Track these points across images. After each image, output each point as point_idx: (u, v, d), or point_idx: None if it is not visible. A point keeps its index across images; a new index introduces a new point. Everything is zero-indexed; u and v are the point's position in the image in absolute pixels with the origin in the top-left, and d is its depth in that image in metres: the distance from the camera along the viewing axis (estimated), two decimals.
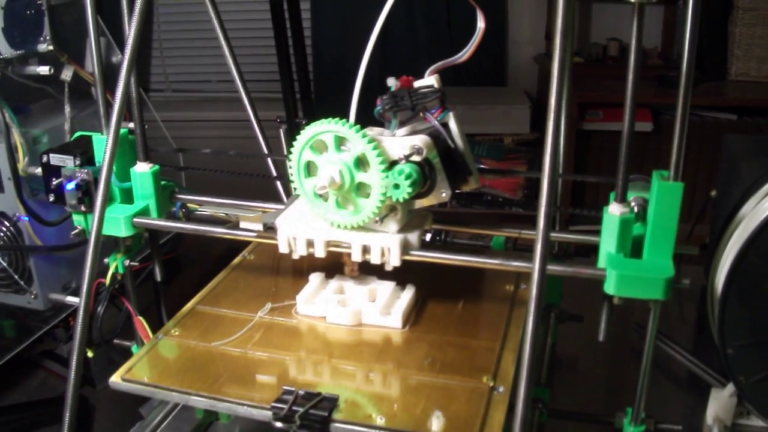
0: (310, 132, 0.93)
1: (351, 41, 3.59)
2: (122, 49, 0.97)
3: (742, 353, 1.05)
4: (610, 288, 0.86)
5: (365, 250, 0.96)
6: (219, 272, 1.19)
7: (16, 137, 1.37)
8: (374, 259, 0.96)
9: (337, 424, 0.85)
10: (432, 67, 0.93)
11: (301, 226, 0.98)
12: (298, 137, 0.94)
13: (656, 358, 1.29)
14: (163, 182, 1.11)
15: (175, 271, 1.86)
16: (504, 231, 1.08)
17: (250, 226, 1.06)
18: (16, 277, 1.46)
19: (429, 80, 0.93)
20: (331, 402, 0.87)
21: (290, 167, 0.97)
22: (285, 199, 1.33)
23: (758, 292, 1.01)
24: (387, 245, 0.95)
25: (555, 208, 1.16)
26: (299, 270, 1.18)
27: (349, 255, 0.99)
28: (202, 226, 1.09)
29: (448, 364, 0.96)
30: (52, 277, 1.49)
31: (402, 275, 1.06)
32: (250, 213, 1.10)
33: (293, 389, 0.88)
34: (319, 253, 0.98)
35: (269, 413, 0.87)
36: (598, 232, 0.91)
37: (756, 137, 2.74)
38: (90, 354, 1.11)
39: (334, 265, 1.10)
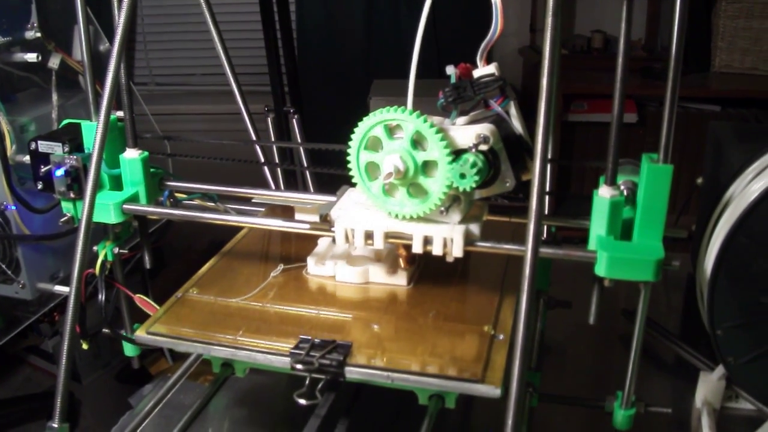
0: (372, 120, 0.92)
1: (335, 32, 3.59)
2: (109, 38, 0.97)
3: (732, 334, 1.06)
4: (601, 270, 0.87)
5: (427, 241, 0.96)
6: (204, 265, 1.20)
7: (3, 125, 1.37)
8: (436, 250, 0.95)
9: (352, 368, 0.90)
10: (480, 52, 0.92)
11: (358, 217, 0.98)
12: (356, 129, 0.93)
13: (645, 344, 1.29)
14: (152, 170, 1.10)
15: (160, 265, 1.86)
16: (494, 216, 1.09)
17: (305, 218, 1.09)
18: (3, 266, 1.45)
19: (488, 69, 0.92)
20: (345, 348, 0.92)
21: (348, 159, 0.96)
22: (272, 185, 1.33)
23: (747, 272, 1.02)
24: (450, 236, 0.94)
25: (546, 192, 1.17)
26: (303, 239, 1.20)
27: (405, 246, 1.00)
28: (193, 212, 1.09)
29: (451, 315, 1.01)
30: (40, 266, 1.48)
31: None
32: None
33: (309, 338, 0.93)
34: (378, 244, 0.97)
35: (288, 359, 0.91)
36: (585, 220, 0.92)
37: (741, 124, 2.76)
38: (85, 346, 1.11)
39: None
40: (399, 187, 0.94)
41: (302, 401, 0.88)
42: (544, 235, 1.19)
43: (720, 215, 1.06)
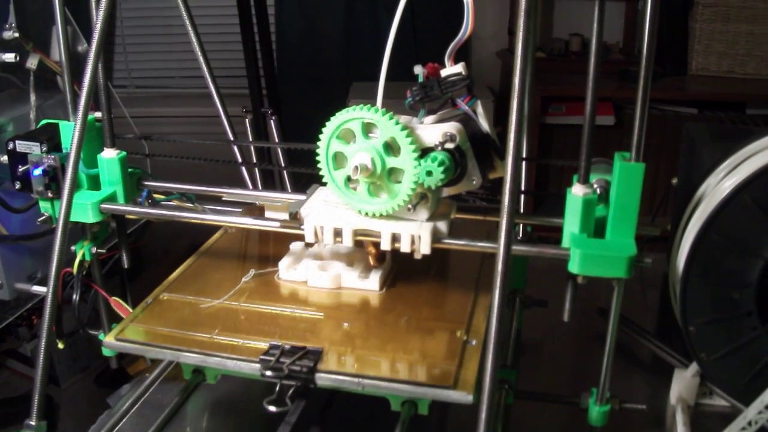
0: (338, 120, 0.93)
1: (315, 35, 3.60)
2: (88, 38, 0.97)
3: (704, 330, 1.07)
4: (574, 267, 0.88)
5: (395, 238, 0.96)
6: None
7: None
8: (404, 247, 0.96)
9: (322, 374, 0.89)
10: (448, 52, 0.92)
11: (327, 215, 0.98)
12: (324, 127, 0.94)
13: (621, 342, 1.31)
14: (129, 169, 1.11)
15: (140, 267, 1.86)
16: (469, 214, 1.10)
17: (275, 215, 1.09)
18: None
19: (456, 68, 0.93)
20: (316, 354, 0.91)
21: (318, 158, 0.96)
22: (250, 185, 1.33)
23: (719, 269, 1.03)
24: (418, 233, 0.95)
25: (520, 191, 1.18)
26: (280, 241, 1.20)
27: (374, 244, 1.01)
28: (170, 211, 1.09)
29: (424, 320, 1.00)
30: (18, 266, 1.48)
31: None
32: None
33: (279, 344, 0.92)
34: (347, 242, 0.98)
35: (257, 366, 0.90)
36: (559, 219, 0.93)
37: (715, 125, 2.79)
38: (61, 345, 1.11)
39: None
40: (364, 183, 0.95)
41: (272, 408, 0.88)
42: (520, 234, 1.21)
43: (692, 213, 1.07)
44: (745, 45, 3.25)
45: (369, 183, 0.95)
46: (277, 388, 0.89)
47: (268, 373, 0.89)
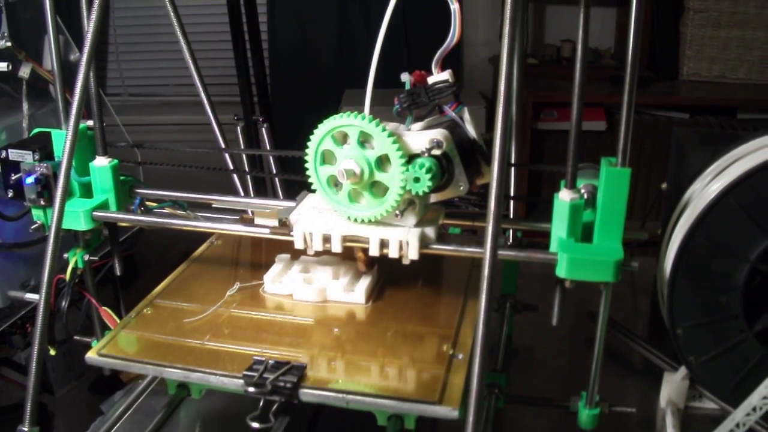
0: (330, 125, 0.94)
1: (307, 42, 3.60)
2: (80, 46, 0.98)
3: (692, 333, 1.07)
4: (561, 271, 0.89)
5: (383, 244, 0.97)
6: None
7: None
8: (392, 253, 0.96)
9: (306, 390, 0.89)
10: (435, 59, 0.94)
11: (316, 221, 0.99)
12: (317, 129, 0.95)
13: (612, 346, 1.31)
14: (122, 177, 1.11)
15: (133, 275, 1.86)
16: (459, 220, 1.10)
17: (265, 222, 1.10)
18: None
19: (443, 75, 0.94)
20: (300, 369, 0.90)
21: (307, 158, 0.97)
22: (242, 192, 1.34)
23: (705, 272, 1.04)
24: (405, 239, 0.95)
25: (508, 197, 1.19)
26: (266, 253, 1.21)
27: (363, 250, 1.01)
28: (162, 219, 1.10)
29: (410, 334, 1.00)
30: (11, 274, 1.48)
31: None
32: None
33: (263, 359, 0.92)
34: (336, 248, 0.98)
35: (241, 381, 0.90)
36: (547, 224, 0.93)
37: (703, 129, 2.79)
38: (52, 352, 1.11)
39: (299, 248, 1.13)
40: (362, 191, 0.96)
41: (255, 425, 0.88)
42: (510, 240, 1.21)
43: (679, 217, 1.08)
44: (735, 50, 3.26)
45: (362, 189, 0.95)
46: (261, 404, 0.89)
47: (251, 389, 0.89)
